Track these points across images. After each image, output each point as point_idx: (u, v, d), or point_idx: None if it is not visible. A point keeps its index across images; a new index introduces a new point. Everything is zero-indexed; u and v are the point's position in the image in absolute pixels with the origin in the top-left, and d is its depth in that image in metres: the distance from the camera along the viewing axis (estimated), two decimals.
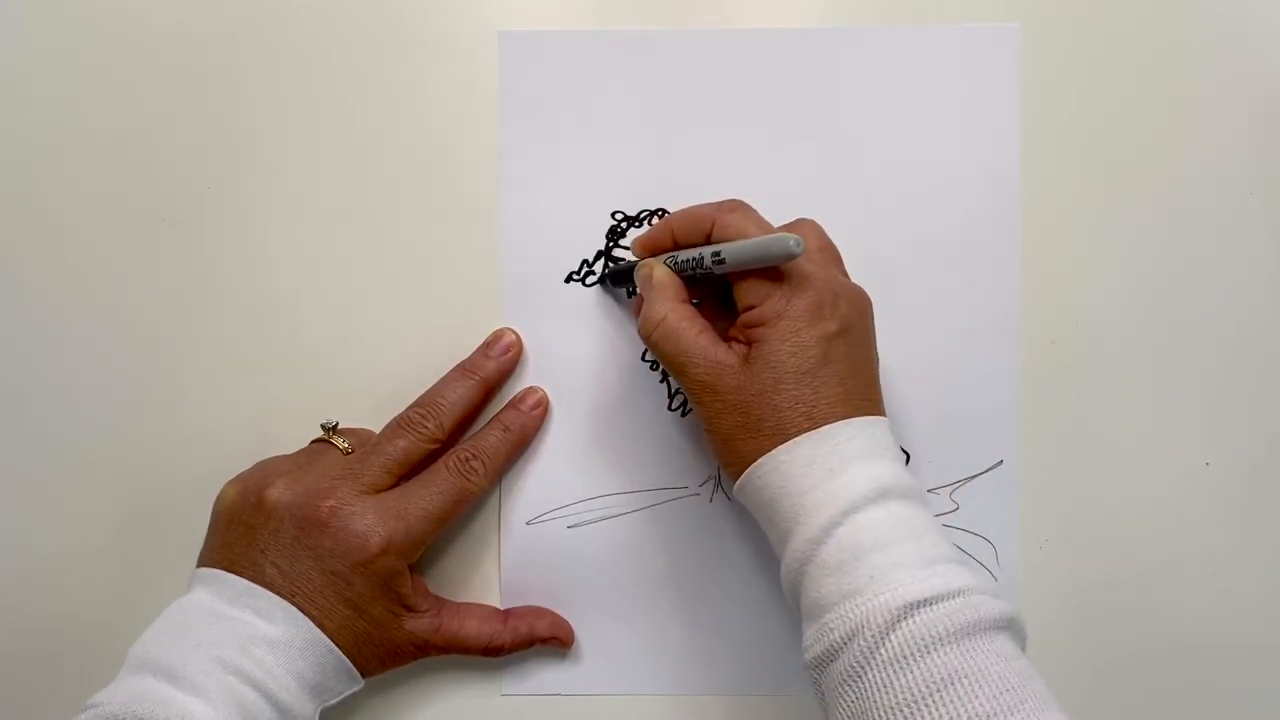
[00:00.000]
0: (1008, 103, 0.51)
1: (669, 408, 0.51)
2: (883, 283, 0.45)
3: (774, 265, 0.42)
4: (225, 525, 0.46)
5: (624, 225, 0.51)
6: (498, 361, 0.50)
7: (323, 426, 0.49)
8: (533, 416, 0.50)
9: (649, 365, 0.51)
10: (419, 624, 0.47)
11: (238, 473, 0.48)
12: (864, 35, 0.51)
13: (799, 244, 0.40)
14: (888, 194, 0.51)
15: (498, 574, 0.51)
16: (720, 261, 0.43)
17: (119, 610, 0.51)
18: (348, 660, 0.45)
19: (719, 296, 0.46)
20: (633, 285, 0.50)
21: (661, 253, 0.47)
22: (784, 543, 0.41)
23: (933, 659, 0.36)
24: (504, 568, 0.51)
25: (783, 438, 0.41)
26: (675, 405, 0.51)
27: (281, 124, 0.51)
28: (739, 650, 0.51)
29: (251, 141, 0.51)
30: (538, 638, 0.50)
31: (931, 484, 0.51)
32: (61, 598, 0.51)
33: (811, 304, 0.42)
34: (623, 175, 0.51)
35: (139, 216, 0.51)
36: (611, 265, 0.51)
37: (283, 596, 0.43)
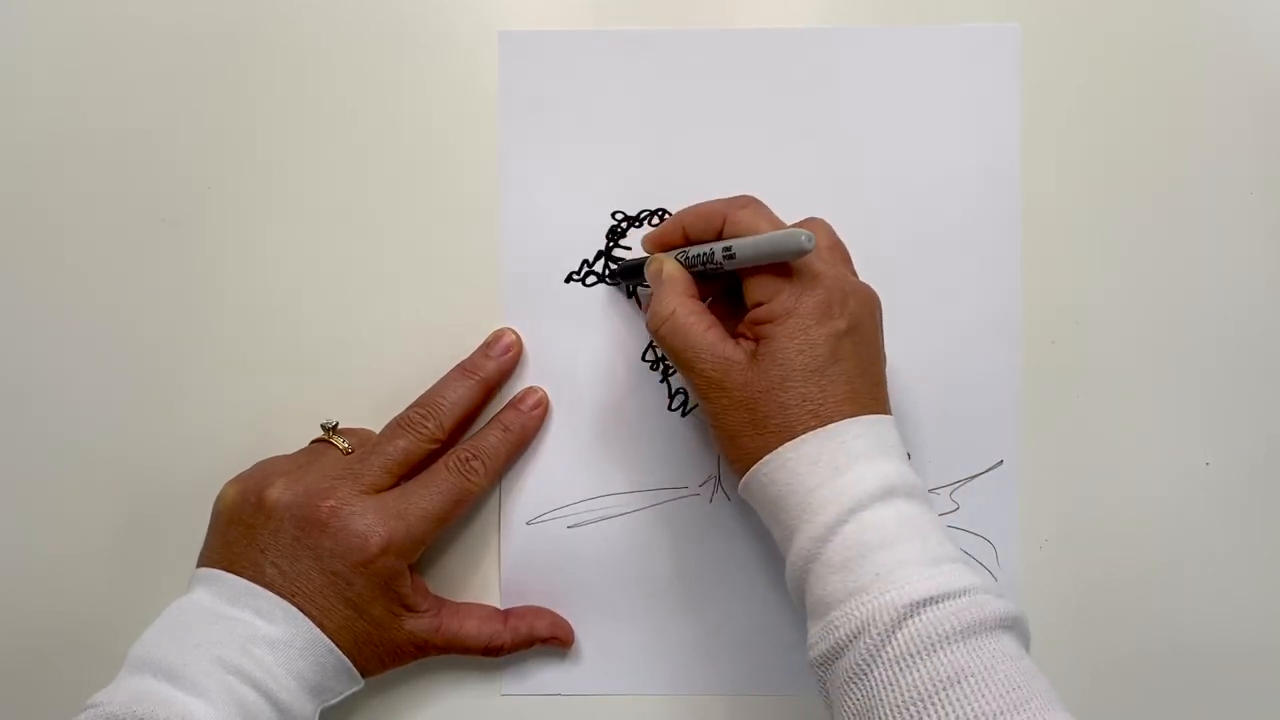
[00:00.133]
0: (1008, 103, 0.51)
1: (669, 408, 0.51)
2: (883, 283, 0.45)
3: (784, 261, 0.42)
4: (225, 525, 0.46)
5: (624, 225, 0.51)
6: (498, 361, 0.50)
7: (323, 426, 0.49)
8: (533, 416, 0.50)
9: (649, 365, 0.51)
10: (419, 624, 0.47)
11: (238, 473, 0.48)
12: (864, 35, 0.51)
13: (810, 240, 0.40)
14: (888, 194, 0.51)
15: (498, 574, 0.51)
16: (731, 256, 0.43)
17: (119, 610, 0.51)
18: (348, 660, 0.45)
19: (728, 294, 0.46)
20: (635, 282, 0.50)
21: (671, 248, 0.47)
22: (789, 540, 0.41)
23: (939, 657, 0.36)
24: (504, 568, 0.51)
25: (789, 435, 0.41)
26: (675, 405, 0.51)
27: (281, 124, 0.51)
28: (739, 650, 0.51)
29: (251, 141, 0.51)
30: (538, 638, 0.50)
31: (932, 484, 0.51)
32: (61, 598, 0.51)
33: (821, 302, 0.42)
34: (623, 175, 0.51)
35: (139, 216, 0.51)
36: (617, 262, 0.51)
37: (283, 596, 0.43)
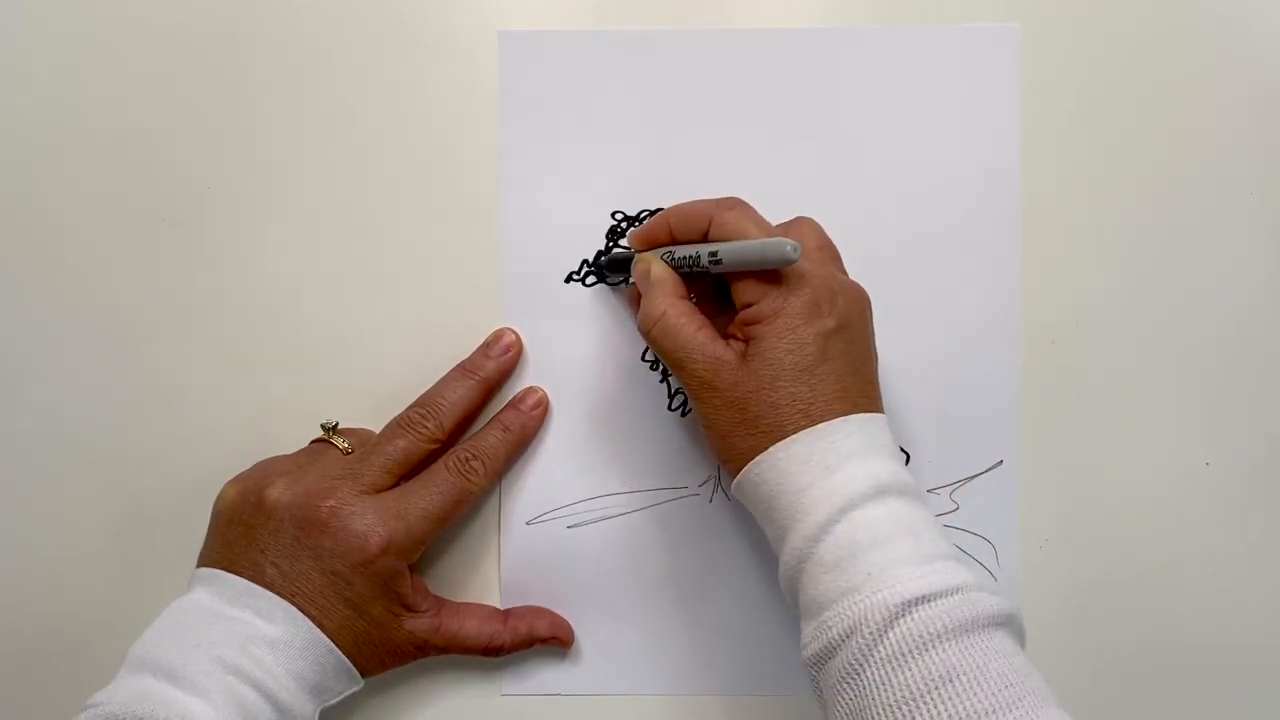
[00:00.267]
0: (1008, 103, 0.51)
1: (669, 408, 0.51)
2: (883, 283, 0.45)
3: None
4: (225, 525, 0.46)
5: (624, 225, 0.51)
6: (498, 361, 0.50)
7: (323, 426, 0.49)
8: (533, 416, 0.50)
9: (649, 365, 0.51)
10: (419, 624, 0.47)
11: (238, 473, 0.48)
12: (864, 35, 0.51)
13: (796, 249, 0.40)
14: (888, 194, 0.51)
15: (498, 574, 0.51)
16: (717, 262, 0.43)
17: (119, 610, 0.51)
18: (347, 660, 0.45)
19: (716, 293, 0.46)
20: (622, 277, 0.50)
21: (658, 247, 0.47)
22: (781, 540, 0.41)
23: (931, 656, 0.36)
24: (504, 568, 0.51)
25: (780, 435, 0.41)
26: (675, 405, 0.51)
27: (281, 124, 0.51)
28: (739, 650, 0.51)
29: (251, 141, 0.51)
30: (538, 638, 0.50)
31: (931, 484, 0.51)
32: (61, 598, 0.51)
33: (809, 301, 0.42)
34: (623, 175, 0.51)
35: (139, 216, 0.51)
36: (604, 256, 0.51)
37: (283, 596, 0.43)
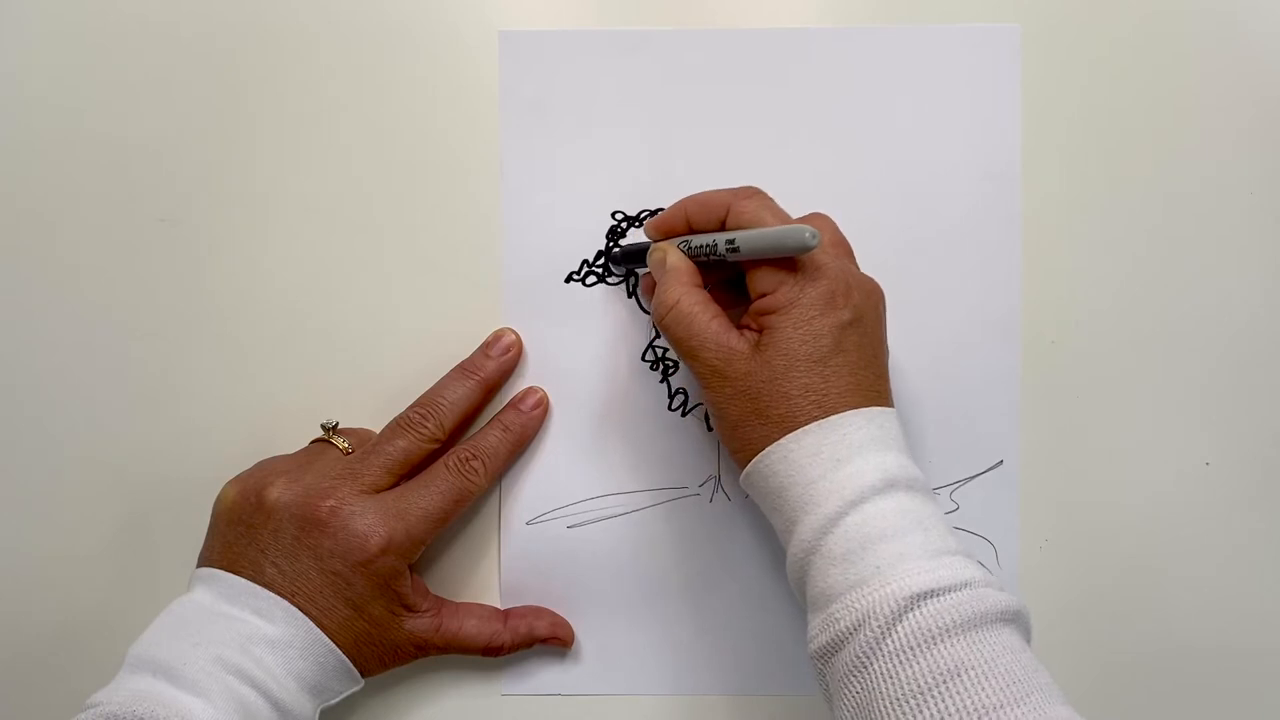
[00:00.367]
0: (1008, 103, 0.51)
1: (669, 408, 0.51)
2: (883, 282, 0.45)
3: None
4: (225, 525, 0.46)
5: (624, 225, 0.51)
6: (498, 361, 0.50)
7: (323, 426, 0.49)
8: (533, 416, 0.50)
9: (649, 365, 0.51)
10: (419, 624, 0.47)
11: (238, 473, 0.48)
12: (864, 35, 0.51)
13: (814, 236, 0.40)
14: (888, 194, 0.51)
15: (498, 574, 0.51)
16: (734, 249, 0.43)
17: (119, 610, 0.51)
18: (348, 660, 0.45)
19: (731, 283, 0.46)
20: (636, 266, 0.50)
21: (674, 236, 0.47)
22: (790, 532, 0.41)
23: (939, 650, 0.36)
24: (504, 568, 0.51)
25: (792, 425, 0.41)
26: (675, 405, 0.51)
27: (281, 124, 0.51)
28: (739, 650, 0.51)
29: (251, 142, 0.51)
30: (538, 638, 0.50)
31: (932, 483, 0.51)
32: (61, 598, 0.51)
33: (825, 292, 0.42)
34: (623, 175, 0.51)
35: (139, 216, 0.51)
36: (620, 247, 0.51)
37: (283, 596, 0.43)
